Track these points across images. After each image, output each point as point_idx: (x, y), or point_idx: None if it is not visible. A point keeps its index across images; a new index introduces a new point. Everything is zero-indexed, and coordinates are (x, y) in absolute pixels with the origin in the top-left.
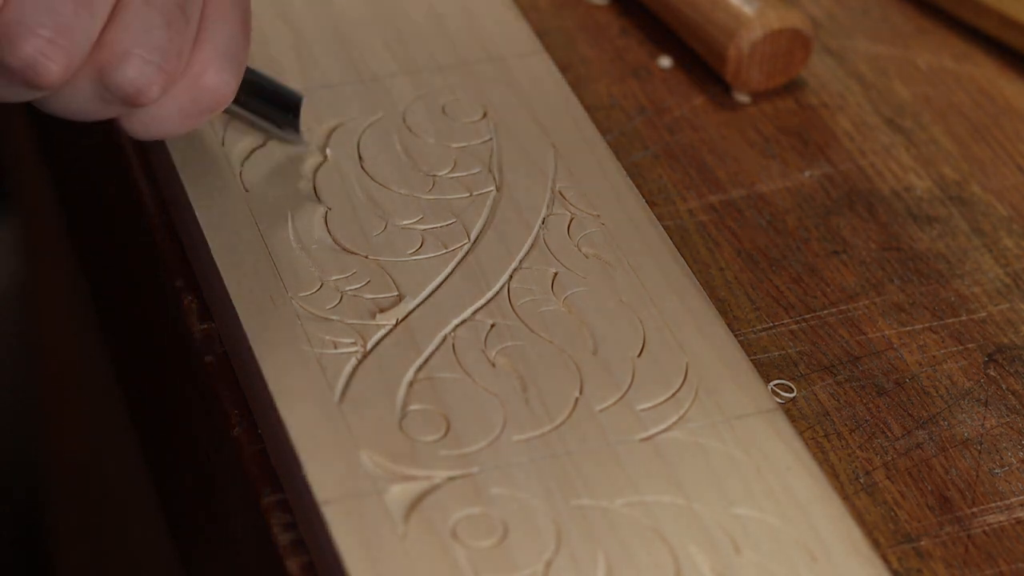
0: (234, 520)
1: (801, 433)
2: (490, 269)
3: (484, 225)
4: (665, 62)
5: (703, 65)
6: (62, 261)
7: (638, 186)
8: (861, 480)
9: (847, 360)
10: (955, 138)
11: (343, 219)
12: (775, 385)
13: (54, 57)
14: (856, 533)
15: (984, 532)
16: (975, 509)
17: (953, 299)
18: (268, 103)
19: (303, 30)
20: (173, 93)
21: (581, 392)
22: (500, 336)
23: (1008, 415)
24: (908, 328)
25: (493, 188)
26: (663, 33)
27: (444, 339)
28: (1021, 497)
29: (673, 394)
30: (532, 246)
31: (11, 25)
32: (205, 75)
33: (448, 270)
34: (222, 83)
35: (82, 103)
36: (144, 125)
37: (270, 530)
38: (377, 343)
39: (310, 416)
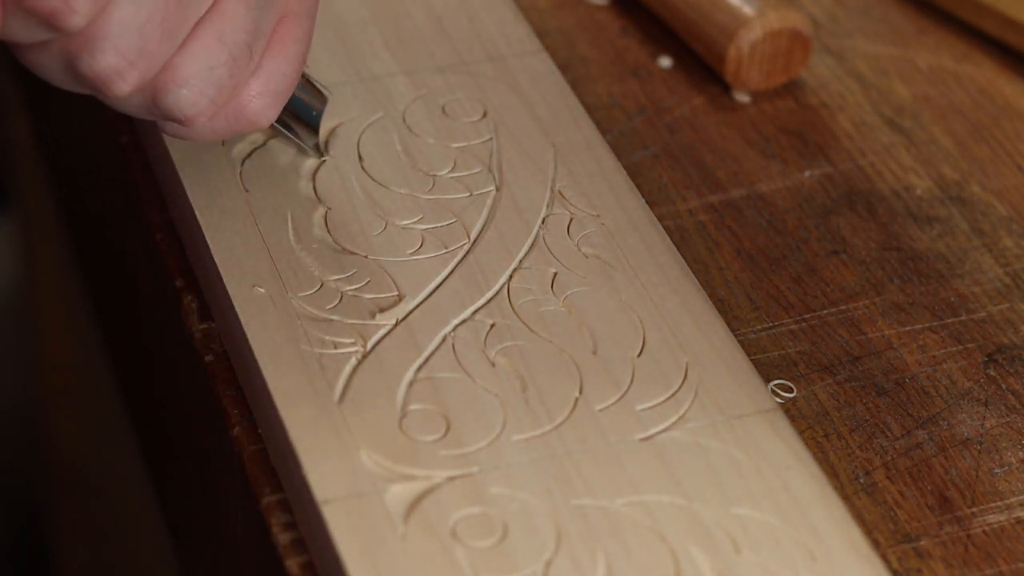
0: (234, 520)
1: (801, 433)
2: (490, 269)
3: (484, 225)
4: (665, 62)
5: (703, 65)
6: (62, 261)
7: (638, 186)
8: (861, 480)
9: (847, 360)
10: (955, 138)
11: (343, 219)
12: (775, 385)
13: (128, 78)
14: (856, 533)
15: (984, 532)
16: (975, 509)
17: (953, 299)
18: (290, 117)
19: None
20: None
21: (581, 392)
22: (500, 336)
23: (1008, 415)
24: (908, 328)
25: (493, 188)
26: (663, 33)
27: (444, 339)
28: (1021, 497)
29: (673, 394)
30: (532, 246)
31: (97, 39)
32: (249, 106)
33: (448, 270)
34: (263, 116)
35: (129, 106)
36: (176, 131)
37: (270, 530)
38: (377, 343)
39: (310, 416)
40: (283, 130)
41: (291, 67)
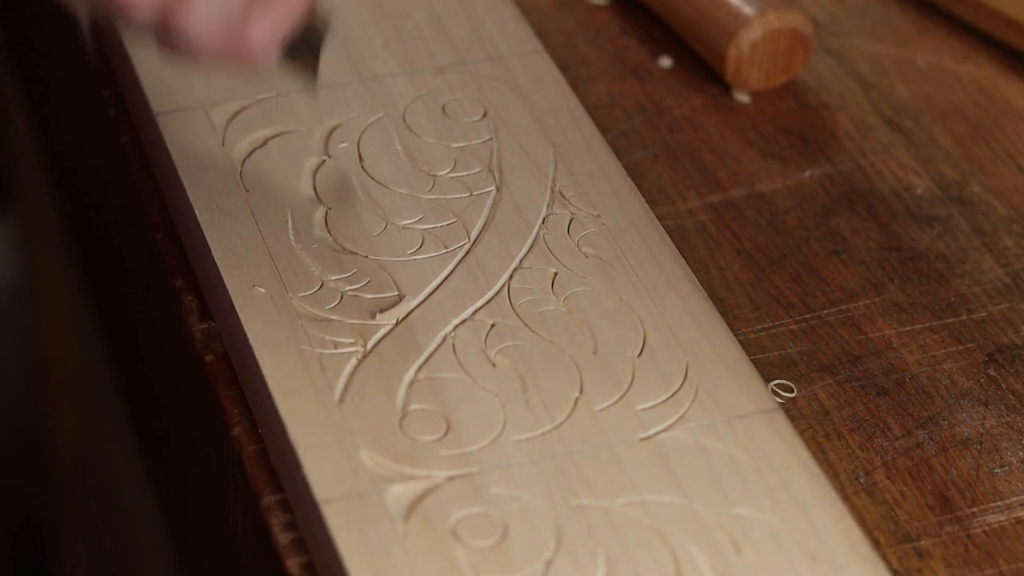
0: (234, 520)
1: (801, 433)
2: (490, 269)
3: (484, 225)
4: (665, 62)
5: (703, 65)
6: (62, 261)
7: (638, 186)
8: (861, 480)
9: (847, 360)
10: (955, 138)
11: (343, 219)
12: (775, 385)
13: None
14: (856, 533)
15: (984, 532)
16: (975, 509)
17: (953, 299)
18: (293, 47)
19: None
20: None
21: (581, 392)
22: (500, 336)
23: (1008, 415)
24: (908, 328)
25: (493, 188)
26: (663, 33)
27: (444, 339)
28: (1021, 497)
29: (673, 394)
30: (532, 246)
31: None
32: (251, 43)
33: (448, 270)
34: (261, 56)
35: (140, 15)
36: (173, 51)
37: (270, 530)
38: (377, 343)
39: (310, 416)
40: (285, 60)
41: (299, 8)
